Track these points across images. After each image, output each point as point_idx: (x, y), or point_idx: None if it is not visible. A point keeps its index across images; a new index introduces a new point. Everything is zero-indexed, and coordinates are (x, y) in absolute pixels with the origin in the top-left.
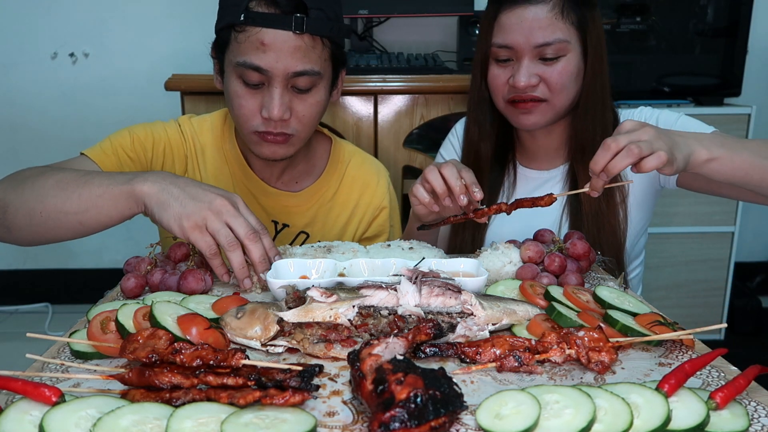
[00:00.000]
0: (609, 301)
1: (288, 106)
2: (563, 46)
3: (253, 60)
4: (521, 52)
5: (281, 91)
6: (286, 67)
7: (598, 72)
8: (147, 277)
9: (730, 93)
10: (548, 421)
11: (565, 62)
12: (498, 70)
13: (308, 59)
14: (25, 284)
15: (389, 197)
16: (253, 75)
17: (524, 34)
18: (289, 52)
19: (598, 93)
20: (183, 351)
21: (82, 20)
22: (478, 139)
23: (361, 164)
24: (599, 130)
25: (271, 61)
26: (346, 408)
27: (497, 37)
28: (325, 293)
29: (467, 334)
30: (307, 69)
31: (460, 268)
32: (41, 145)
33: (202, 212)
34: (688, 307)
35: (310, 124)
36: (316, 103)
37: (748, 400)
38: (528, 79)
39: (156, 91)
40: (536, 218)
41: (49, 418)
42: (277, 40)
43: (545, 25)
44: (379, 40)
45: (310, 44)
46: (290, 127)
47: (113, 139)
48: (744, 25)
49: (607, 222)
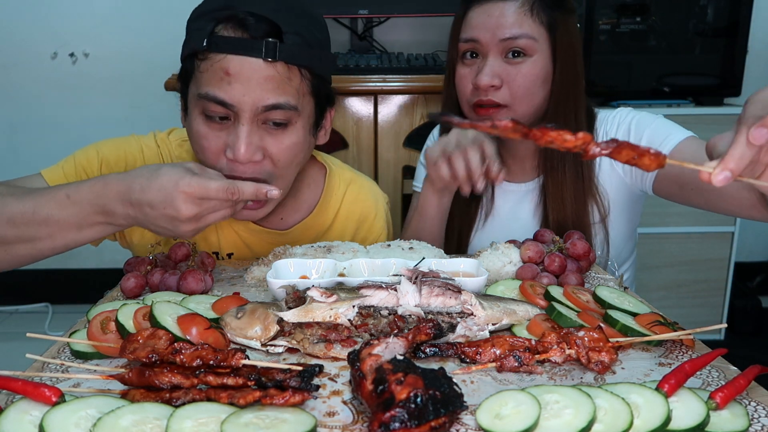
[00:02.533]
0: (609, 301)
1: (258, 146)
2: (530, 44)
3: (216, 92)
4: (486, 47)
5: (249, 128)
6: (254, 100)
7: (569, 78)
8: (147, 277)
9: (730, 93)
10: (548, 421)
11: (531, 64)
12: (464, 70)
13: (281, 91)
14: (25, 284)
15: (387, 229)
16: (216, 109)
17: (491, 28)
18: (258, 83)
19: (570, 101)
20: (183, 351)
21: (82, 20)
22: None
23: (357, 195)
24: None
25: (236, 94)
26: (346, 408)
27: (465, 31)
28: (325, 293)
29: (467, 334)
30: (280, 102)
31: (460, 268)
32: (41, 145)
33: (185, 230)
34: (688, 307)
35: (286, 169)
36: (292, 145)
37: (748, 400)
38: (491, 78)
39: (156, 91)
40: (514, 224)
41: (49, 418)
42: (244, 69)
43: (513, 20)
44: (379, 40)
45: (284, 74)
46: (262, 172)
47: (78, 158)
48: (744, 25)
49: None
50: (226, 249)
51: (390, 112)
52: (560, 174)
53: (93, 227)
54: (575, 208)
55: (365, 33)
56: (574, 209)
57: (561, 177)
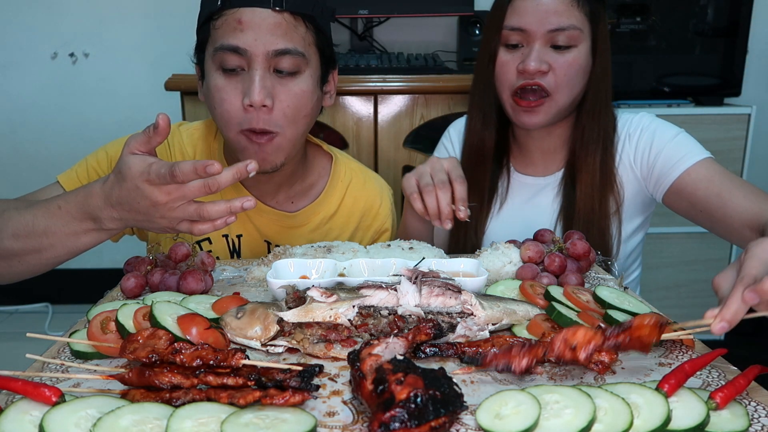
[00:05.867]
0: (609, 301)
1: (270, 92)
2: (576, 35)
3: (231, 41)
4: (533, 37)
5: (262, 73)
6: (266, 45)
7: (606, 70)
8: (147, 277)
9: (730, 93)
10: (548, 421)
11: (576, 53)
12: (507, 56)
13: (289, 38)
14: (25, 284)
15: (392, 219)
16: (232, 58)
17: (539, 18)
18: (268, 30)
19: (604, 93)
20: (183, 351)
21: (82, 20)
22: (482, 128)
23: (363, 184)
24: (602, 132)
25: (249, 40)
26: (346, 408)
27: (510, 19)
28: (325, 293)
29: (467, 334)
30: (289, 47)
31: (460, 268)
32: (41, 145)
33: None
34: (688, 307)
35: (295, 119)
36: (301, 92)
37: (748, 400)
38: (539, 63)
39: (156, 91)
40: (534, 219)
41: (49, 418)
42: (255, 18)
43: (561, 10)
44: (379, 40)
45: (291, 22)
46: (273, 123)
47: (89, 161)
48: (744, 25)
49: (597, 228)
50: (236, 230)
51: (390, 112)
52: (586, 166)
53: (87, 234)
54: (598, 199)
55: (365, 33)
56: (597, 201)
57: (586, 169)
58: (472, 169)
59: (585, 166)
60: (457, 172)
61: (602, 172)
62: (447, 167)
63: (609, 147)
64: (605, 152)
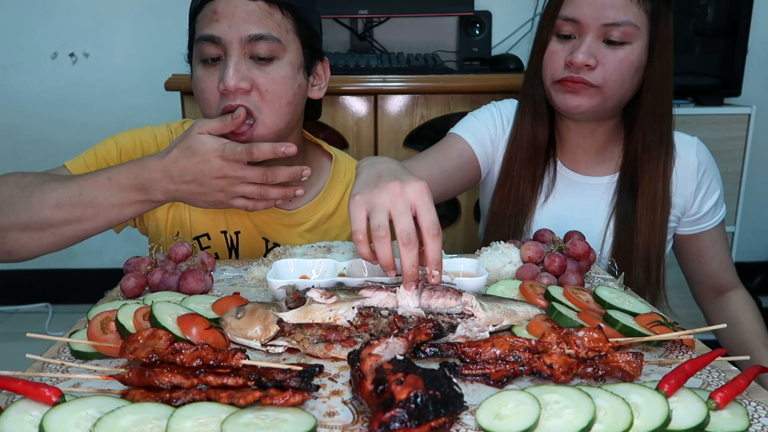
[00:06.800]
0: (609, 301)
1: (245, 75)
2: (631, 31)
3: (207, 31)
4: (586, 29)
5: (236, 59)
6: (240, 31)
7: (667, 74)
8: (147, 277)
9: (730, 93)
10: (548, 421)
11: (628, 50)
12: (557, 46)
13: (263, 24)
14: (25, 284)
15: None
16: (209, 48)
17: (595, 10)
18: (241, 17)
19: (666, 96)
20: (183, 351)
21: (82, 20)
22: (532, 119)
23: None
24: (665, 137)
25: (223, 28)
26: (346, 408)
27: (566, 9)
28: (325, 294)
29: (467, 335)
30: (263, 33)
31: (460, 268)
32: (41, 145)
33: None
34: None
35: (274, 103)
36: (280, 78)
37: (748, 400)
38: (587, 57)
39: (156, 91)
40: (581, 218)
41: (49, 418)
42: (229, 7)
43: (619, 4)
44: (379, 40)
45: (266, 9)
46: (251, 102)
47: (98, 150)
48: (744, 25)
49: (658, 235)
50: (233, 227)
51: (390, 112)
52: (649, 171)
53: (133, 205)
54: (660, 208)
55: (365, 33)
56: (658, 210)
57: (649, 175)
58: (524, 162)
59: (647, 171)
60: (430, 216)
61: (664, 179)
62: (413, 201)
63: (671, 153)
64: (667, 158)
